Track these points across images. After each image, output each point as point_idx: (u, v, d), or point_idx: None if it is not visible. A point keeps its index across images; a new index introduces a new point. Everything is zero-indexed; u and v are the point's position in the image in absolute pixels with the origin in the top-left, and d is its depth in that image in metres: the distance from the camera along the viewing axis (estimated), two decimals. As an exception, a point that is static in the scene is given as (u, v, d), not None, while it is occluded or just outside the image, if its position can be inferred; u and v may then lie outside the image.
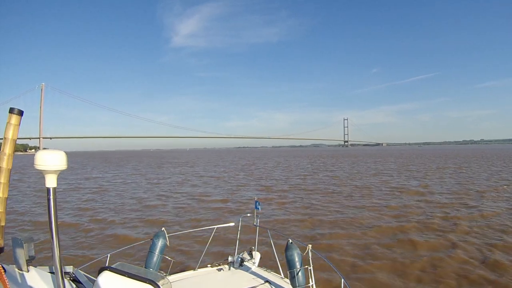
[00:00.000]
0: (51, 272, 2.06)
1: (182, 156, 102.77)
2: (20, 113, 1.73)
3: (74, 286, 2.17)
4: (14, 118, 1.70)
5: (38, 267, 2.08)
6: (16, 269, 1.95)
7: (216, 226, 4.32)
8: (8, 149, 1.74)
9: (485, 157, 56.45)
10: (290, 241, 3.45)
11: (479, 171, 28.67)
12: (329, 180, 23.93)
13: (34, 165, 1.62)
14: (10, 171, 1.78)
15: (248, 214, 4.52)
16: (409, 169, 32.60)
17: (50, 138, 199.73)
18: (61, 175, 1.79)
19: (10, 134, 1.71)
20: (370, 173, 29.35)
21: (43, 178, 1.66)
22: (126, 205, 14.51)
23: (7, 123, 1.71)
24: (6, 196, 1.78)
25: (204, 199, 15.87)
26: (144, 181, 24.96)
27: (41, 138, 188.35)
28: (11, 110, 1.69)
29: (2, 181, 1.74)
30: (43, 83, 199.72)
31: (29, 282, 1.91)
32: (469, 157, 57.76)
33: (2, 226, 1.77)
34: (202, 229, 5.58)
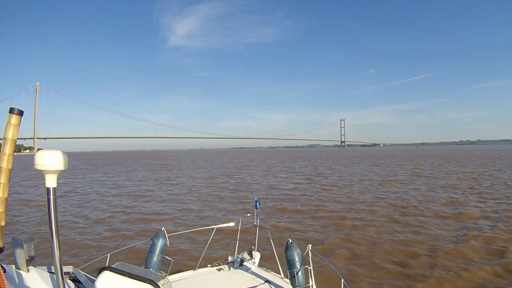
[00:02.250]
0: (51, 272, 2.07)
1: (173, 157, 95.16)
2: (20, 113, 1.73)
3: (74, 286, 2.17)
4: (14, 118, 1.71)
5: (38, 267, 2.08)
6: (16, 269, 1.95)
7: (216, 226, 4.32)
8: (8, 149, 1.75)
9: (495, 159, 51.93)
10: (290, 241, 3.47)
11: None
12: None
13: (34, 165, 1.62)
14: (10, 171, 1.78)
15: (248, 214, 4.54)
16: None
17: (45, 139, 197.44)
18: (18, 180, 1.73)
19: (10, 134, 1.72)
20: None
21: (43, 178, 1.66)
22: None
23: (7, 123, 1.72)
24: (6, 196, 1.78)
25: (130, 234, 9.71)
26: (98, 191, 19.99)
27: (35, 139, 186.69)
28: (11, 110, 1.70)
29: (2, 181, 1.74)
30: (38, 83, 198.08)
31: (29, 282, 1.92)
32: (484, 158, 53.18)
33: (2, 226, 1.77)
34: (202, 229, 5.59)
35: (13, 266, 1.96)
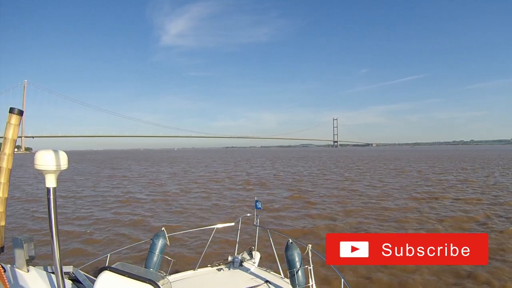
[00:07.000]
0: (51, 272, 2.07)
1: (159, 158, 79.81)
2: (20, 113, 1.77)
3: (75, 286, 2.17)
4: (14, 118, 1.75)
5: (38, 267, 2.08)
6: (16, 269, 1.95)
7: (216, 226, 4.31)
8: (8, 149, 1.78)
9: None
10: (290, 241, 3.48)
11: None
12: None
13: (34, 165, 1.62)
14: (10, 171, 1.79)
15: (248, 214, 4.54)
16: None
17: (33, 137, 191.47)
18: None
19: (10, 134, 1.75)
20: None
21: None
22: None
23: (7, 123, 1.76)
24: (6, 196, 1.80)
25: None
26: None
27: (23, 137, 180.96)
28: (11, 110, 1.73)
29: (2, 181, 1.77)
30: (26, 80, 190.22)
31: (29, 282, 1.92)
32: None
33: (2, 226, 1.78)
34: (202, 229, 5.60)
35: (13, 266, 1.95)
